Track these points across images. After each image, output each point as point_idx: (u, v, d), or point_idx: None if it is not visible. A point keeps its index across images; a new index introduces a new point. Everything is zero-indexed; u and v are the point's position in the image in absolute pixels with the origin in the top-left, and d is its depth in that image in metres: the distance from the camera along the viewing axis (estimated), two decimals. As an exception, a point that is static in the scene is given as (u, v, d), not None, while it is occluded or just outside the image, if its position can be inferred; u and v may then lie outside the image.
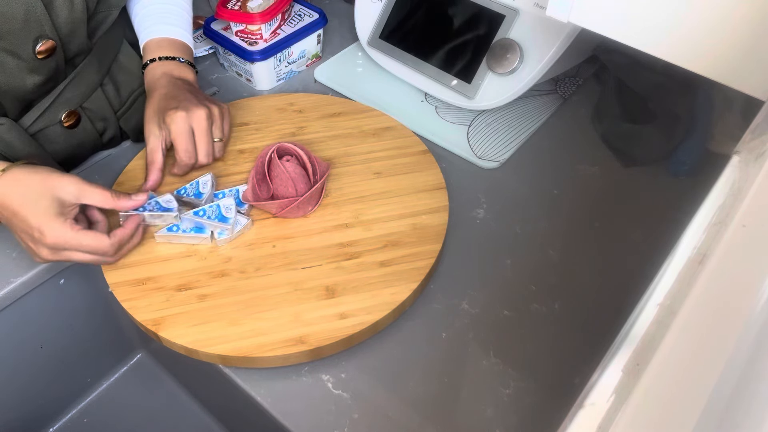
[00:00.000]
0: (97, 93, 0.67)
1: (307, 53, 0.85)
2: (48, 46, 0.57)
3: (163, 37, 0.68)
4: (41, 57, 0.57)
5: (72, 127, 0.66)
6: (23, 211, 0.52)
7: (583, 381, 0.27)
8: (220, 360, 0.53)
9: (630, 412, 0.23)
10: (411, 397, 0.52)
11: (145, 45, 0.68)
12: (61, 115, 0.64)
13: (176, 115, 0.61)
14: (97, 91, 0.67)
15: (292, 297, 0.55)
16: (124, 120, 0.71)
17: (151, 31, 0.68)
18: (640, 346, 0.26)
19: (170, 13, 0.70)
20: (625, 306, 0.31)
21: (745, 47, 0.40)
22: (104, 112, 0.69)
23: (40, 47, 0.57)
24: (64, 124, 0.65)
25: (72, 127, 0.66)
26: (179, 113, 0.61)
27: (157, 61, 0.67)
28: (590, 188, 0.70)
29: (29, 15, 0.54)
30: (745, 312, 0.26)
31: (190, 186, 0.64)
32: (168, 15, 0.70)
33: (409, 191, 0.65)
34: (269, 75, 0.81)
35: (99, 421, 0.79)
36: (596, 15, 0.46)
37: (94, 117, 0.68)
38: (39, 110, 0.62)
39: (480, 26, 0.72)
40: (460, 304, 0.58)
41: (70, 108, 0.65)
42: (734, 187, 0.34)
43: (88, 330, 0.74)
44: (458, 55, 0.74)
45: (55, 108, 0.63)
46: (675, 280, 0.29)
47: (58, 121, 0.64)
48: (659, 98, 0.72)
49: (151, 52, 0.68)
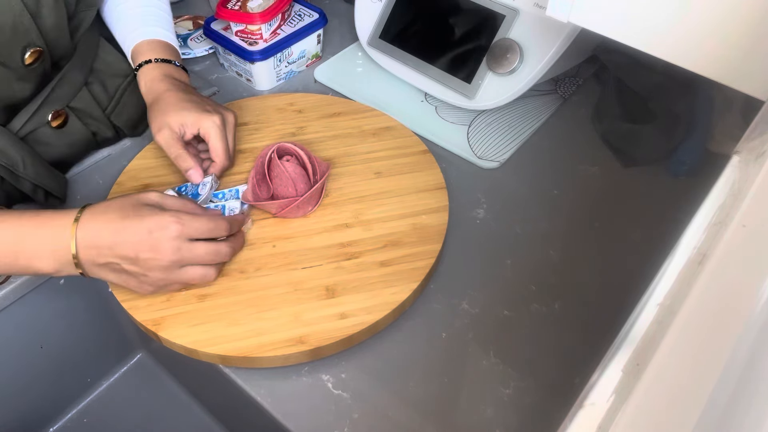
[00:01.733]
0: (83, 92, 0.67)
1: (307, 53, 0.85)
2: (36, 55, 0.58)
3: (153, 39, 0.68)
4: (29, 64, 0.58)
5: (60, 127, 0.66)
6: (120, 236, 0.49)
7: (583, 381, 0.27)
8: (220, 360, 0.53)
9: (630, 412, 0.23)
10: (411, 397, 0.52)
11: (136, 47, 0.68)
12: (48, 116, 0.64)
13: (212, 118, 0.61)
14: (83, 91, 0.67)
15: (292, 297, 0.55)
16: (116, 115, 0.71)
17: (140, 34, 0.68)
18: (640, 346, 0.26)
19: (153, 15, 0.70)
20: (625, 306, 0.31)
21: (745, 47, 0.40)
22: (92, 110, 0.69)
23: (27, 56, 0.57)
24: (52, 124, 0.65)
25: (60, 127, 0.66)
26: (214, 117, 0.62)
27: (153, 62, 0.67)
28: (590, 188, 0.70)
29: (17, 25, 0.54)
30: (745, 312, 0.26)
31: (191, 185, 0.64)
32: (151, 17, 0.70)
33: (409, 191, 0.65)
34: (269, 75, 0.81)
35: (99, 421, 0.79)
36: (596, 15, 0.46)
37: (82, 116, 0.68)
38: (27, 114, 0.62)
39: (480, 26, 0.72)
40: (460, 304, 0.58)
41: (56, 108, 0.65)
42: (734, 187, 0.34)
43: (88, 330, 0.74)
44: (458, 55, 0.74)
45: (42, 110, 0.63)
46: (675, 280, 0.29)
47: (46, 123, 0.64)
48: (659, 98, 0.72)
49: (143, 54, 0.67)
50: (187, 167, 0.62)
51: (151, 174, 0.67)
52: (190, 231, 0.51)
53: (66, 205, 0.67)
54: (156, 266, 0.50)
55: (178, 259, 0.51)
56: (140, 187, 0.65)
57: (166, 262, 0.50)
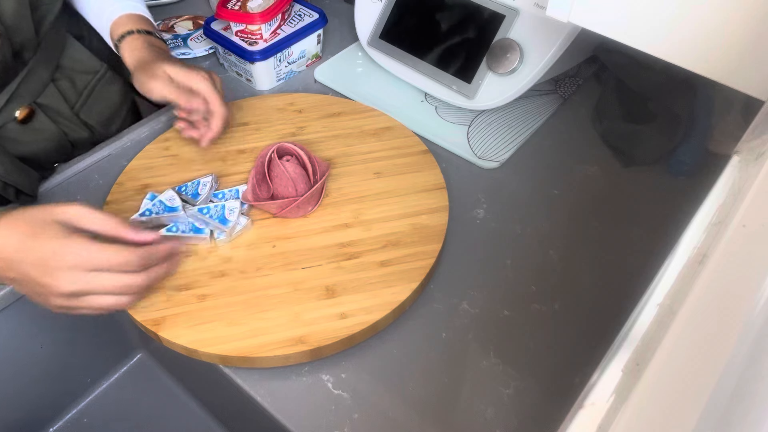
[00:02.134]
0: (51, 89, 0.68)
1: (307, 53, 0.85)
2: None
3: (132, 13, 0.70)
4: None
5: (26, 122, 0.66)
6: (21, 255, 0.46)
7: (583, 381, 0.27)
8: (220, 360, 0.53)
9: (630, 412, 0.23)
10: (411, 397, 0.52)
11: (116, 21, 0.69)
12: (16, 113, 0.65)
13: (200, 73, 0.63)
14: (50, 87, 0.67)
15: (292, 297, 0.55)
16: (85, 112, 0.72)
17: (118, 8, 0.70)
18: (640, 346, 0.26)
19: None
20: (625, 306, 0.31)
21: (745, 47, 0.40)
22: (59, 106, 0.69)
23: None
24: (18, 118, 0.65)
25: (26, 122, 0.66)
26: (202, 72, 0.63)
27: (136, 33, 0.68)
28: (590, 188, 0.70)
29: None
30: (745, 312, 0.26)
31: (191, 185, 0.64)
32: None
33: (409, 191, 0.65)
34: (269, 75, 0.81)
35: (99, 421, 0.79)
36: (596, 15, 0.46)
37: (50, 113, 0.68)
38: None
39: (480, 26, 0.72)
40: (460, 304, 0.58)
41: (22, 104, 0.65)
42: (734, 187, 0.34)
43: (88, 330, 0.74)
44: (458, 55, 0.74)
45: (9, 107, 0.64)
46: (675, 280, 0.29)
47: (12, 119, 0.65)
48: (659, 98, 0.72)
49: (124, 25, 0.69)
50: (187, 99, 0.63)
51: (151, 174, 0.67)
52: (91, 263, 0.46)
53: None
54: (55, 293, 0.47)
55: (75, 290, 0.47)
56: (140, 187, 0.65)
57: (63, 290, 0.47)
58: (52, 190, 0.68)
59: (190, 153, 0.69)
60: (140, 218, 0.60)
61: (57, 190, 0.69)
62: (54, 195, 0.68)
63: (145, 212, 0.60)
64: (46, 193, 0.68)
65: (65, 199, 0.67)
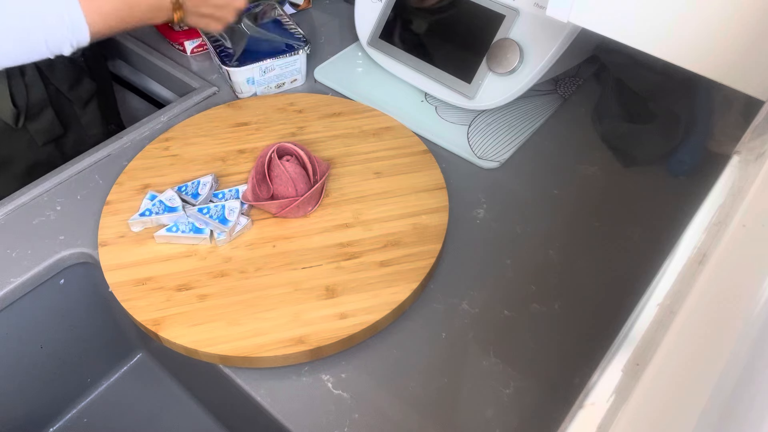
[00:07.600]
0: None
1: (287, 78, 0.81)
2: None
3: None
4: None
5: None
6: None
7: (583, 381, 0.27)
8: (220, 360, 0.53)
9: (630, 412, 0.23)
10: (411, 397, 0.52)
11: None
12: None
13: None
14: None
15: (292, 297, 0.55)
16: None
17: None
18: (640, 346, 0.26)
19: None
20: (625, 306, 0.31)
21: (746, 47, 0.40)
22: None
23: None
24: None
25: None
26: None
27: None
28: (590, 188, 0.70)
29: None
30: (745, 312, 0.26)
31: (191, 185, 0.64)
32: None
33: (409, 191, 0.65)
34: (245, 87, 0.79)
35: (99, 421, 0.79)
36: (596, 15, 0.46)
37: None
38: None
39: (480, 26, 0.72)
40: (460, 304, 0.58)
41: None
42: (734, 187, 0.34)
43: (88, 330, 0.74)
44: (458, 55, 0.74)
45: None
46: (675, 280, 0.29)
47: None
48: (659, 98, 0.72)
49: None
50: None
51: (151, 174, 0.67)
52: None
53: (60, 204, 0.67)
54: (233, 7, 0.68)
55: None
56: (140, 187, 0.65)
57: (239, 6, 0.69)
58: (52, 190, 0.68)
59: (190, 153, 0.69)
60: (140, 218, 0.60)
61: (57, 190, 0.69)
62: (54, 195, 0.68)
63: (145, 212, 0.60)
64: (47, 192, 0.68)
65: (66, 200, 0.67)
